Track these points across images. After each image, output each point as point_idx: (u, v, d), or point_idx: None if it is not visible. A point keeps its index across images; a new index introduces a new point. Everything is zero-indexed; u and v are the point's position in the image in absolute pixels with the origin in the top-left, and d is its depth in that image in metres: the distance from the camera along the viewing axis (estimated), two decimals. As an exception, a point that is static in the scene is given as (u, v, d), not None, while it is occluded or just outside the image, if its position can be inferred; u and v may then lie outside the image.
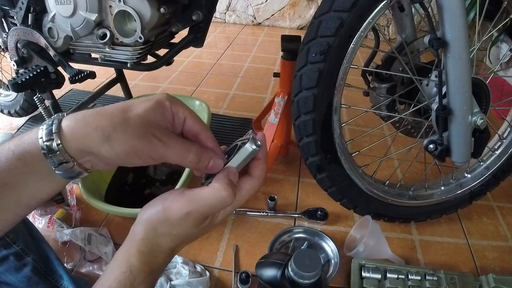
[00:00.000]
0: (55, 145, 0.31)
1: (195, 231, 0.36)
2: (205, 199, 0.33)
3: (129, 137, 0.31)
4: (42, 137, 0.31)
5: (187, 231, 0.35)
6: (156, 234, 0.35)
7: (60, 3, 0.79)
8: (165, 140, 0.33)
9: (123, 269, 0.35)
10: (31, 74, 0.84)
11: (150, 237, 0.36)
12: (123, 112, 0.32)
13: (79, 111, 0.34)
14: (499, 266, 0.88)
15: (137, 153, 0.32)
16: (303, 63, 0.74)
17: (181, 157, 0.33)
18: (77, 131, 0.31)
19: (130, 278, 0.35)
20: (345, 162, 0.83)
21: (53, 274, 0.64)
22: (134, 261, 0.35)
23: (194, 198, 0.34)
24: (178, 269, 0.79)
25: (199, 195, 0.34)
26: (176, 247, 0.37)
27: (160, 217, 0.35)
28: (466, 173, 0.94)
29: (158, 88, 1.70)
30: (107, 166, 0.35)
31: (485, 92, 0.75)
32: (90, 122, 0.32)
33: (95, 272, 0.80)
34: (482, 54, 1.78)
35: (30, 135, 0.33)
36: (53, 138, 0.31)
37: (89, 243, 0.82)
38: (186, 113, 0.36)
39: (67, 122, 0.32)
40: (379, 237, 0.85)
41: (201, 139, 0.37)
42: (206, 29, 0.87)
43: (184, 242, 0.38)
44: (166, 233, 0.35)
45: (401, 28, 0.82)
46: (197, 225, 0.35)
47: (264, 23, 2.71)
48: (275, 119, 1.04)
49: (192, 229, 0.35)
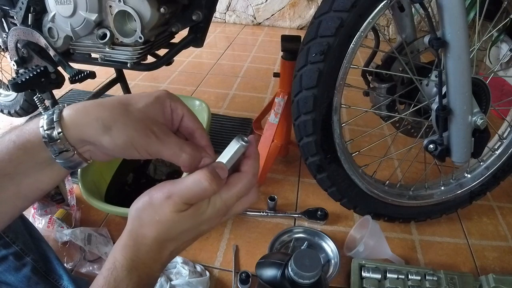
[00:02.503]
0: (56, 134, 0.32)
1: (177, 218, 0.34)
2: (186, 185, 0.33)
3: (128, 130, 0.32)
4: (43, 125, 0.32)
5: (169, 216, 0.34)
6: (141, 223, 0.35)
7: (60, 3, 0.79)
8: (162, 137, 0.33)
9: (108, 265, 0.35)
10: (31, 74, 0.84)
11: (135, 227, 0.35)
12: (124, 105, 0.33)
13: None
14: (499, 266, 0.88)
15: (135, 146, 0.33)
16: (303, 63, 0.74)
17: (174, 156, 0.34)
18: (78, 121, 0.32)
19: (114, 273, 0.34)
20: (345, 162, 0.83)
21: (52, 274, 0.64)
22: (119, 255, 0.35)
23: (176, 183, 0.34)
24: (178, 269, 0.79)
25: (181, 181, 0.34)
26: (164, 242, 0.36)
27: (145, 204, 0.35)
28: (466, 173, 0.94)
29: (158, 88, 1.69)
30: (105, 156, 0.35)
31: (485, 92, 0.75)
32: (91, 112, 0.32)
33: (95, 272, 0.80)
34: (482, 54, 1.78)
35: (31, 125, 0.33)
36: (54, 127, 0.32)
37: (89, 243, 0.82)
38: (184, 110, 0.37)
39: (68, 112, 0.33)
40: (379, 237, 0.85)
41: (196, 136, 0.37)
42: (206, 29, 0.87)
43: (171, 236, 0.35)
44: (150, 220, 0.34)
45: (401, 28, 0.82)
46: (178, 211, 0.34)
47: (264, 23, 2.71)
48: (275, 119, 1.04)
49: (174, 215, 0.34)
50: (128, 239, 0.35)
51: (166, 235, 0.35)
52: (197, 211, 0.35)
